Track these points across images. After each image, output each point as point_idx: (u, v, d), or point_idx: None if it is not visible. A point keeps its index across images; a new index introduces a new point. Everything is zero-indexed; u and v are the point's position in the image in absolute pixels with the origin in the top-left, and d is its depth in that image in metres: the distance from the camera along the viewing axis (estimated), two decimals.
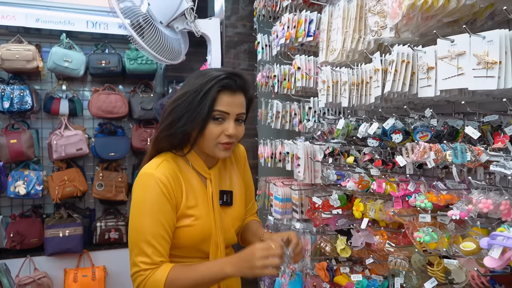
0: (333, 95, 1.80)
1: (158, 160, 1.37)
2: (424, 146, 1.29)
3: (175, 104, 1.34)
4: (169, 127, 1.34)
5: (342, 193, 1.85)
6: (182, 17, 2.51)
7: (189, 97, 1.32)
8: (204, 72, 1.38)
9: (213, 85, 1.31)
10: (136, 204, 1.33)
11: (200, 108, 1.31)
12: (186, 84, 1.38)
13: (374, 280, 1.68)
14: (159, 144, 1.40)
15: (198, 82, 1.33)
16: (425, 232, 1.28)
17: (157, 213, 1.30)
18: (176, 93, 1.38)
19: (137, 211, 1.32)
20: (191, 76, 1.41)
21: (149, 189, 1.31)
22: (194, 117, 1.32)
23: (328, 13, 1.91)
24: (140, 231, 1.30)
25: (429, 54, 1.32)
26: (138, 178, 1.36)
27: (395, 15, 1.41)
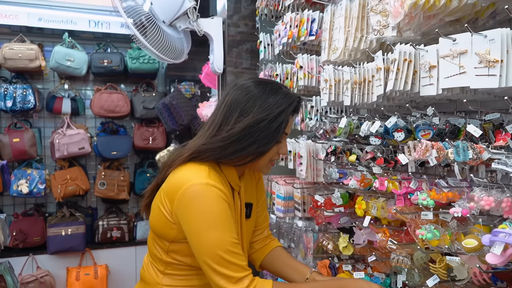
0: (335, 93, 1.81)
1: (201, 168, 1.29)
2: (426, 144, 1.30)
3: (251, 130, 1.27)
4: (239, 150, 1.29)
5: (344, 191, 1.86)
6: (184, 16, 2.51)
7: (266, 124, 1.28)
8: (275, 97, 1.30)
9: (289, 112, 1.31)
10: (202, 217, 1.23)
11: (275, 133, 1.30)
12: (254, 107, 1.29)
13: (376, 278, 1.69)
14: (203, 157, 1.31)
15: (274, 109, 1.28)
16: (427, 230, 1.29)
17: (227, 221, 1.25)
18: (241, 115, 1.29)
19: (205, 225, 1.22)
20: (252, 95, 1.30)
21: (211, 200, 1.23)
22: (267, 142, 1.29)
23: (331, 12, 1.91)
24: (216, 245, 1.21)
25: (431, 53, 1.33)
26: (191, 190, 1.24)
27: (397, 14, 1.42)
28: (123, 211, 4.35)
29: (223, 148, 1.29)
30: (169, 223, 1.30)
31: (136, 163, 4.48)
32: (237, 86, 1.36)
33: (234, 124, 1.29)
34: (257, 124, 1.27)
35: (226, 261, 1.20)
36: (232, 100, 1.32)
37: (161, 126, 4.29)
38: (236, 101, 1.31)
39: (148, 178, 4.25)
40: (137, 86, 4.35)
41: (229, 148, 1.29)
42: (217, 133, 1.31)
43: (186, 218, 1.24)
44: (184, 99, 4.04)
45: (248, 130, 1.27)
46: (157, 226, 1.34)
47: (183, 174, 1.28)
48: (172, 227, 1.30)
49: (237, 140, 1.28)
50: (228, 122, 1.30)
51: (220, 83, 2.84)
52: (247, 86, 1.33)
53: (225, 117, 1.31)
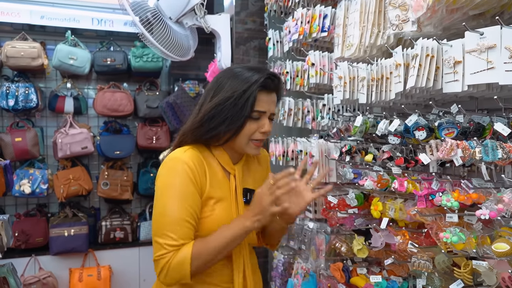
0: (350, 91, 1.76)
1: (185, 148, 1.37)
2: (451, 143, 1.25)
3: (219, 109, 1.32)
4: (212, 129, 1.34)
5: (359, 192, 1.80)
6: (191, 13, 2.46)
7: (233, 101, 1.32)
8: (243, 76, 1.35)
9: (255, 88, 1.33)
10: (162, 188, 1.32)
11: (243, 110, 1.33)
12: (224, 87, 1.35)
13: (394, 282, 1.64)
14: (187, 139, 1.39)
15: (240, 86, 1.33)
16: (453, 233, 1.24)
17: (183, 197, 1.30)
18: (214, 95, 1.36)
19: (163, 195, 1.31)
20: (225, 76, 1.38)
21: (175, 173, 1.31)
22: (236, 119, 1.33)
23: (344, 8, 1.86)
24: (165, 215, 1.28)
25: (456, 48, 1.28)
26: (164, 162, 1.35)
27: (418, 7, 1.37)
28: (126, 211, 4.29)
29: (198, 129, 1.36)
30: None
31: (139, 162, 4.42)
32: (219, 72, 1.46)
33: (206, 105, 1.36)
34: (225, 102, 1.32)
35: (164, 233, 1.27)
36: (210, 84, 1.41)
37: (164, 125, 4.23)
38: (212, 84, 1.39)
39: (152, 178, 4.19)
40: (140, 85, 4.28)
41: (203, 128, 1.35)
42: (196, 116, 1.39)
43: (155, 187, 1.34)
44: (188, 98, 3.98)
45: (216, 109, 1.33)
46: None
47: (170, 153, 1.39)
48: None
49: (207, 120, 1.34)
50: (203, 105, 1.38)
51: None
52: (225, 70, 1.43)
53: (203, 102, 1.40)
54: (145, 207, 4.29)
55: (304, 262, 2.17)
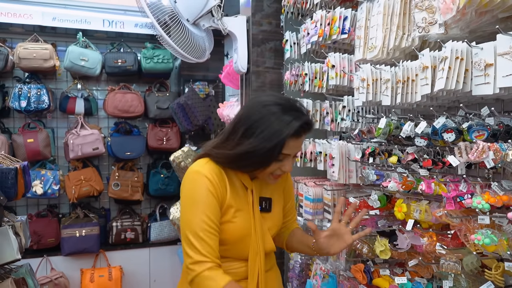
0: (373, 93, 1.76)
1: (205, 160, 1.46)
2: (483, 145, 1.25)
3: (250, 153, 1.35)
4: (240, 166, 1.43)
5: (381, 194, 1.81)
6: (208, 15, 2.47)
7: (266, 150, 1.34)
8: (279, 119, 1.34)
9: (289, 136, 1.34)
10: (185, 200, 1.41)
11: (272, 156, 1.36)
12: (258, 128, 1.35)
13: (418, 283, 1.64)
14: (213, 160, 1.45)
15: (275, 135, 1.33)
16: (485, 235, 1.24)
17: (204, 208, 1.37)
18: (245, 134, 1.37)
19: (186, 206, 1.40)
20: (259, 113, 1.37)
21: (196, 186, 1.39)
22: (264, 162, 1.39)
23: (366, 10, 1.87)
24: (189, 225, 1.36)
25: (487, 50, 1.28)
26: (186, 175, 1.44)
27: (447, 10, 1.37)
28: (136, 212, 4.30)
29: (226, 162, 1.43)
30: None
31: (149, 163, 4.43)
32: (253, 100, 1.47)
33: (237, 142, 1.38)
34: (254, 151, 1.35)
35: (190, 242, 1.34)
36: (243, 115, 1.42)
37: (175, 126, 4.24)
38: (245, 117, 1.40)
39: (162, 179, 4.20)
40: (150, 86, 4.30)
41: (231, 164, 1.43)
42: (224, 143, 1.43)
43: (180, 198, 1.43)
44: (198, 99, 3.99)
45: (247, 155, 1.37)
46: None
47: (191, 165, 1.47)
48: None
49: (237, 158, 1.39)
50: (233, 136, 1.40)
51: (244, 82, 2.79)
52: (262, 101, 1.40)
53: (233, 130, 1.42)
54: (155, 208, 4.31)
55: (323, 263, 2.18)
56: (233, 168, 1.46)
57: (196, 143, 4.07)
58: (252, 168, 1.43)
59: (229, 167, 1.45)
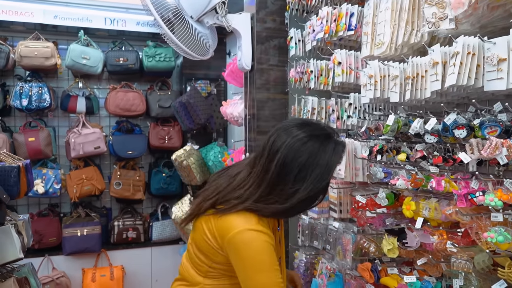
0: (381, 90, 1.74)
1: (251, 215, 1.33)
2: (496, 142, 1.23)
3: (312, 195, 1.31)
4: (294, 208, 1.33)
5: (389, 191, 1.79)
6: (212, 12, 2.45)
7: (320, 182, 1.30)
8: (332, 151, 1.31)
9: (336, 163, 1.34)
10: (252, 263, 1.30)
11: (326, 188, 1.36)
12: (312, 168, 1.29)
13: (427, 282, 1.62)
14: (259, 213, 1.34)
15: (330, 169, 1.31)
16: (498, 232, 1.22)
17: (274, 265, 1.31)
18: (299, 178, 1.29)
19: (254, 270, 1.30)
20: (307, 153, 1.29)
21: (261, 247, 1.30)
22: (317, 198, 1.37)
23: (373, 6, 1.85)
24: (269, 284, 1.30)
25: (500, 45, 1.26)
26: (242, 235, 1.30)
27: (459, 4, 1.35)
28: (137, 211, 4.28)
29: (277, 214, 1.37)
30: (217, 251, 1.36)
31: (151, 162, 4.41)
32: (288, 132, 1.33)
33: (291, 192, 1.29)
34: (313, 194, 1.31)
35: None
36: (287, 153, 1.29)
37: (176, 125, 4.22)
38: (291, 156, 1.29)
39: (164, 178, 4.19)
40: (152, 85, 4.28)
41: (282, 214, 1.39)
42: (271, 195, 1.32)
43: (236, 261, 1.32)
44: (201, 97, 3.97)
45: (305, 201, 1.32)
46: (203, 248, 1.40)
47: (233, 219, 1.32)
48: (220, 254, 1.36)
49: (293, 208, 1.33)
50: (284, 182, 1.30)
51: (248, 80, 2.76)
52: (300, 138, 1.30)
53: (279, 175, 1.30)
54: (157, 207, 4.29)
55: (329, 262, 2.16)
56: (280, 217, 1.45)
57: (198, 142, 4.06)
58: (302, 211, 1.45)
59: (275, 217, 1.41)
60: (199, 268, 1.43)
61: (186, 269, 1.48)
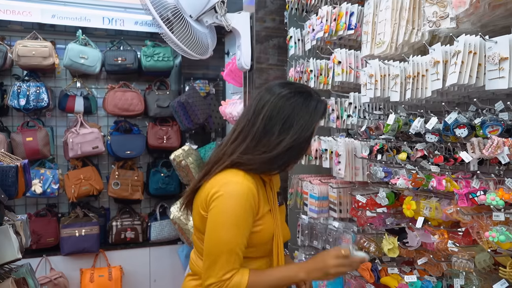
0: (381, 89, 1.74)
1: (242, 173, 1.36)
2: (497, 141, 1.23)
3: (296, 144, 1.35)
4: (284, 163, 1.39)
5: (389, 191, 1.78)
6: (211, 11, 2.44)
7: (308, 137, 1.38)
8: (310, 106, 1.38)
9: (317, 119, 1.40)
10: (226, 216, 1.30)
11: (309, 141, 1.40)
12: (295, 119, 1.35)
13: (428, 281, 1.62)
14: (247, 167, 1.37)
15: (310, 120, 1.37)
16: (499, 231, 1.22)
17: (242, 227, 1.31)
18: (284, 129, 1.35)
19: (222, 221, 1.30)
20: (288, 105, 1.36)
21: (239, 200, 1.31)
22: (301, 150, 1.40)
23: (373, 5, 1.84)
24: (222, 244, 1.30)
25: (502, 44, 1.26)
26: (227, 187, 1.32)
27: (460, 3, 1.35)
28: (136, 211, 4.27)
29: (263, 166, 1.37)
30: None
31: (150, 162, 4.40)
32: (272, 91, 1.41)
33: (277, 141, 1.35)
34: (298, 144, 1.36)
35: (223, 259, 1.28)
36: (273, 108, 1.37)
37: (175, 125, 4.21)
38: (276, 110, 1.36)
39: (162, 178, 4.17)
40: (150, 85, 4.26)
41: (268, 166, 1.38)
42: (258, 147, 1.36)
43: (211, 215, 1.32)
44: (199, 97, 3.96)
45: (290, 150, 1.35)
46: (201, 227, 1.40)
47: (219, 175, 1.36)
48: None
49: (279, 158, 1.36)
50: (271, 133, 1.35)
51: (247, 80, 2.76)
52: (284, 94, 1.38)
53: (265, 131, 1.36)
54: (155, 207, 4.27)
55: None
56: (267, 171, 1.41)
57: (197, 142, 4.04)
58: (289, 163, 1.42)
59: (262, 171, 1.40)
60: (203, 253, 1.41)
61: (194, 263, 1.50)
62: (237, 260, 1.31)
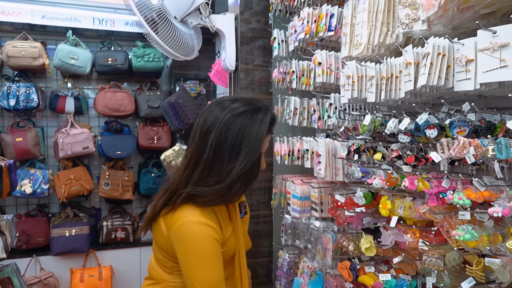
0: (358, 90, 1.76)
1: (197, 210, 1.36)
2: (464, 141, 1.25)
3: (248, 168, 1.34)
4: (233, 186, 1.36)
5: (367, 191, 1.81)
6: (196, 12, 2.46)
7: (253, 154, 1.35)
8: (260, 123, 1.37)
9: (264, 133, 1.38)
10: (193, 255, 1.33)
11: (259, 161, 1.38)
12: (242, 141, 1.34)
13: (403, 280, 1.64)
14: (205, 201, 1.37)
15: (260, 139, 1.36)
16: (465, 230, 1.24)
17: (218, 263, 1.35)
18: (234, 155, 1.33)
19: (197, 263, 1.33)
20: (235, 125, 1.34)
21: (202, 238, 1.33)
22: (253, 173, 1.38)
23: (352, 7, 1.86)
24: (203, 282, 1.32)
25: (468, 46, 1.28)
26: (187, 228, 1.33)
27: (430, 6, 1.37)
28: (127, 211, 4.28)
29: (218, 197, 1.37)
30: (171, 246, 1.39)
31: (140, 162, 4.41)
32: (216, 113, 1.36)
33: (228, 165, 1.33)
34: (249, 165, 1.34)
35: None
36: (219, 134, 1.33)
37: (165, 125, 4.22)
38: (223, 136, 1.33)
39: (153, 178, 4.19)
40: (141, 85, 4.28)
41: (223, 197, 1.38)
42: (210, 173, 1.35)
43: (179, 252, 1.34)
44: (189, 98, 3.98)
45: (242, 176, 1.34)
46: (161, 243, 1.44)
47: (179, 211, 1.36)
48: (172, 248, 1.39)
49: (232, 186, 1.36)
50: (221, 160, 1.34)
51: (232, 81, 2.78)
52: (228, 118, 1.34)
53: (215, 155, 1.34)
54: (146, 207, 4.28)
55: (310, 261, 2.18)
56: (224, 203, 1.43)
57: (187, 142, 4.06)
58: (245, 189, 1.41)
59: (220, 204, 1.41)
60: (164, 265, 1.46)
61: (153, 267, 1.52)
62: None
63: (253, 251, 2.67)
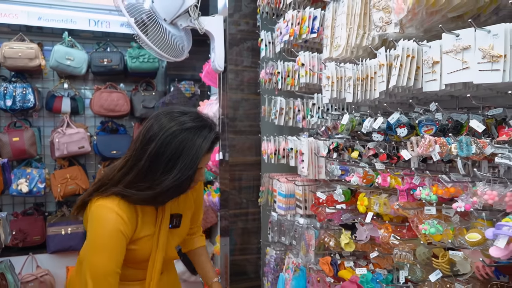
0: (337, 90, 1.82)
1: (117, 199, 1.41)
2: (429, 139, 1.31)
3: (175, 179, 1.36)
4: (161, 195, 1.40)
5: (346, 188, 1.86)
6: (185, 14, 2.52)
7: (187, 170, 1.37)
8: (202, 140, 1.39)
9: (204, 151, 1.40)
10: (95, 239, 1.40)
11: (192, 177, 1.41)
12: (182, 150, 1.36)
13: (378, 274, 1.70)
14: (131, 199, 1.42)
15: (197, 156, 1.38)
16: (431, 225, 1.30)
17: (114, 250, 1.38)
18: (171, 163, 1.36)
19: (95, 247, 1.39)
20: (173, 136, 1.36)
21: (108, 226, 1.37)
22: (185, 187, 1.42)
23: (332, 10, 1.92)
24: (97, 266, 1.36)
25: (434, 49, 1.34)
26: (97, 210, 1.40)
27: (400, 10, 1.43)
28: None
29: (145, 200, 1.42)
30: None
31: None
32: (162, 124, 1.38)
33: (161, 176, 1.37)
34: (181, 179, 1.37)
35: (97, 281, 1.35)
36: (159, 145, 1.35)
37: None
38: (163, 148, 1.35)
39: None
40: (137, 85, 4.35)
41: (150, 201, 1.43)
42: (141, 182, 1.39)
43: (87, 233, 1.43)
44: (184, 98, 4.05)
45: (173, 185, 1.38)
46: (85, 226, 1.52)
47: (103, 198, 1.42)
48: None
49: (161, 194, 1.40)
50: (155, 170, 1.37)
51: (221, 81, 2.84)
52: (173, 131, 1.36)
53: (151, 164, 1.37)
54: None
55: (295, 257, 2.23)
56: (149, 205, 1.47)
57: None
58: (174, 197, 1.45)
59: (146, 205, 1.46)
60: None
61: (82, 248, 1.57)
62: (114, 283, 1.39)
63: (242, 248, 2.74)
